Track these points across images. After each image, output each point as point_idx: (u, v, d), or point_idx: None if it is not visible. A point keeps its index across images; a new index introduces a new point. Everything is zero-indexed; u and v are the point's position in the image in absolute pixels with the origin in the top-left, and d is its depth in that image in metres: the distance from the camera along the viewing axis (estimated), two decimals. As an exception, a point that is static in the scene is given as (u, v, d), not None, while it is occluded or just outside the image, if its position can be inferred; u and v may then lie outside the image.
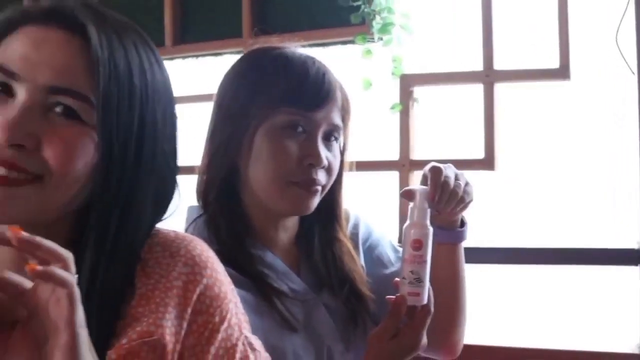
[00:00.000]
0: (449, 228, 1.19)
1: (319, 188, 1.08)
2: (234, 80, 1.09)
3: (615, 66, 2.07)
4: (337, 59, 2.09)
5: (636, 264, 1.98)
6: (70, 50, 0.80)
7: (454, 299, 1.25)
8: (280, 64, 1.08)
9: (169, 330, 0.82)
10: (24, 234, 0.64)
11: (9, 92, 0.78)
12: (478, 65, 2.12)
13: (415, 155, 2.19)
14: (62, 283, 0.67)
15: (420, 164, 2.03)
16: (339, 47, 2.19)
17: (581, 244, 2.20)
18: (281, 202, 1.09)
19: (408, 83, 2.14)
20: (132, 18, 0.85)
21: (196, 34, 2.39)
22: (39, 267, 0.66)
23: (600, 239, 2.22)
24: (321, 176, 1.08)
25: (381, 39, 2.08)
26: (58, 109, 0.78)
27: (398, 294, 1.04)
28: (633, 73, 1.94)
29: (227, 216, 1.07)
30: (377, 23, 2.03)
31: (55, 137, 0.77)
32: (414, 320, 1.05)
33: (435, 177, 1.08)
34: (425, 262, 1.06)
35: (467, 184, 1.13)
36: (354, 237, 1.19)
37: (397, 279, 1.06)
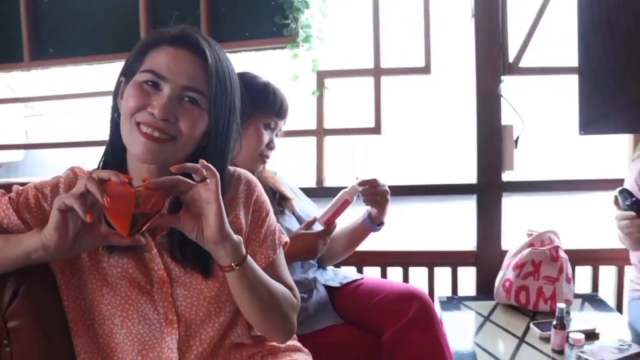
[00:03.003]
0: (375, 223, 1.98)
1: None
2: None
3: (462, 63, 2.62)
4: (274, 60, 2.67)
5: (473, 194, 2.62)
6: (195, 64, 1.18)
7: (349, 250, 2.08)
8: (271, 90, 1.84)
9: (242, 220, 1.28)
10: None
11: (157, 87, 1.17)
12: (370, 63, 2.66)
13: (327, 125, 2.72)
14: (213, 172, 1.07)
15: (330, 132, 2.72)
16: (277, 51, 2.63)
17: (440, 181, 2.83)
18: (253, 165, 1.85)
19: (322, 76, 2.68)
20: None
21: None
22: (204, 162, 1.07)
23: (453, 178, 2.89)
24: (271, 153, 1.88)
25: (299, 45, 2.57)
26: (187, 99, 1.17)
27: (327, 219, 1.83)
28: (471, 69, 2.56)
29: None
30: (301, 35, 2.53)
31: (186, 115, 1.16)
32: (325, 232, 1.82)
33: (372, 180, 1.88)
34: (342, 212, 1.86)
35: (388, 192, 1.93)
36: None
37: (318, 216, 1.85)
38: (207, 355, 1.25)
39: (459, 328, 2.05)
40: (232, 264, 1.14)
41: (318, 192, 2.57)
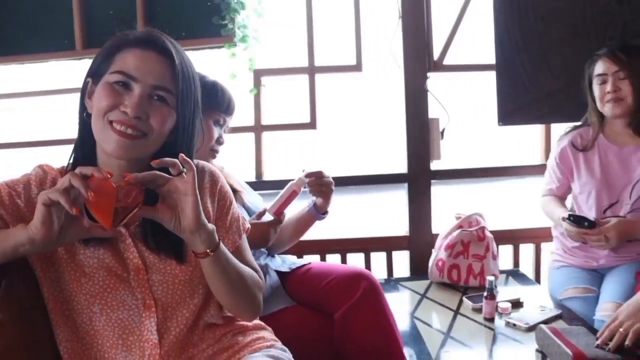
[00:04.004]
0: (320, 212, 2.12)
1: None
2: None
3: (391, 61, 2.75)
4: (211, 59, 2.72)
5: (404, 182, 2.79)
6: (162, 64, 1.24)
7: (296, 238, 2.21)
8: (219, 88, 1.95)
9: (210, 209, 1.35)
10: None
11: (128, 87, 1.22)
12: (304, 62, 2.78)
13: (264, 121, 2.82)
14: (191, 166, 1.16)
15: (267, 128, 2.81)
16: (215, 51, 2.68)
17: (373, 172, 3.00)
18: (204, 159, 1.94)
19: (259, 75, 2.77)
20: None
21: (104, 41, 2.71)
22: (183, 157, 1.15)
23: (386, 169, 3.01)
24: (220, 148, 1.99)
25: (236, 45, 2.65)
26: (156, 97, 1.24)
27: (277, 209, 1.95)
28: (399, 67, 2.73)
29: None
30: (238, 35, 2.61)
31: (156, 113, 1.23)
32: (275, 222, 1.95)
33: (317, 172, 2.02)
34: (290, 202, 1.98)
35: (332, 183, 2.08)
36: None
37: (268, 207, 1.96)
38: (184, 336, 1.34)
39: (398, 306, 2.20)
40: (207, 251, 1.23)
41: (257, 186, 2.65)
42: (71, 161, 1.33)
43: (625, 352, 1.65)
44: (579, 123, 2.40)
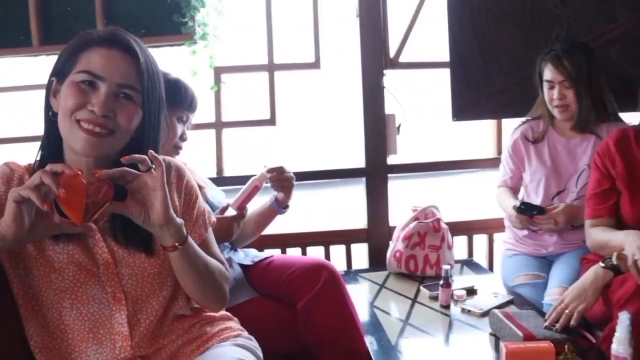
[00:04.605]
0: (281, 206, 2.17)
1: None
2: None
3: (349, 59, 2.87)
4: (172, 56, 2.68)
5: (362, 176, 2.86)
6: (127, 63, 1.27)
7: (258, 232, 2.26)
8: (182, 85, 1.98)
9: (177, 203, 1.38)
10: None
11: (94, 86, 1.24)
12: (264, 59, 2.79)
13: (224, 118, 2.83)
14: (160, 162, 1.19)
15: (228, 124, 2.83)
16: (175, 48, 2.65)
17: (332, 166, 3.07)
18: (168, 155, 1.97)
19: (219, 72, 2.76)
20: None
21: (58, 37, 2.61)
22: (153, 153, 1.18)
23: (344, 164, 3.09)
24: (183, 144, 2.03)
25: (196, 42, 2.63)
26: (122, 95, 1.26)
27: (239, 204, 2.00)
28: (357, 64, 2.80)
29: None
30: (198, 33, 2.60)
31: (123, 110, 1.25)
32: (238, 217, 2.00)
33: (279, 168, 2.07)
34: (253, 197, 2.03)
35: (293, 178, 2.13)
36: None
37: (231, 202, 2.00)
38: (154, 328, 1.38)
39: (358, 296, 2.27)
40: (176, 244, 1.27)
41: (219, 182, 2.65)
42: (38, 159, 1.34)
43: (571, 332, 1.78)
44: (529, 118, 2.53)
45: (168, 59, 2.66)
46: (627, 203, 1.99)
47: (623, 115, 2.39)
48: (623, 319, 1.42)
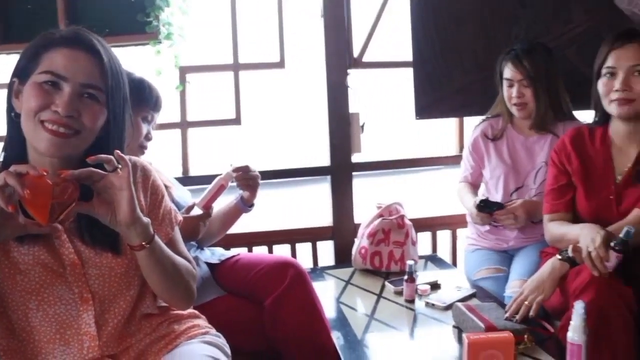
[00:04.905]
0: (247, 205, 2.19)
1: None
2: None
3: (313, 58, 2.89)
4: (136, 56, 2.68)
5: (327, 175, 2.90)
6: (91, 62, 1.26)
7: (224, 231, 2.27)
8: (146, 85, 1.98)
9: (143, 202, 1.39)
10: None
11: (57, 87, 1.24)
12: (229, 59, 2.80)
13: (190, 118, 2.83)
14: (126, 162, 1.20)
15: (193, 124, 2.83)
16: (139, 47, 2.64)
17: (298, 165, 3.11)
18: (134, 155, 1.98)
19: (184, 72, 2.76)
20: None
21: (19, 35, 2.58)
22: (119, 153, 1.20)
23: (309, 162, 3.19)
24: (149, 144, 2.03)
25: (161, 42, 2.62)
26: (86, 95, 1.25)
27: (205, 204, 2.01)
28: (321, 64, 2.83)
29: None
30: (163, 32, 2.58)
31: (87, 110, 1.25)
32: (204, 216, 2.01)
33: (244, 167, 2.09)
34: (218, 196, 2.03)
35: (259, 177, 2.15)
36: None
37: (197, 201, 2.02)
38: (122, 327, 1.39)
39: (324, 293, 2.30)
40: (143, 243, 1.28)
41: (184, 181, 2.63)
42: (2, 160, 1.33)
43: (530, 322, 1.85)
44: (489, 115, 2.59)
45: (133, 59, 2.66)
46: (582, 198, 2.06)
47: (578, 114, 2.47)
48: (578, 308, 1.48)
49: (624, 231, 1.72)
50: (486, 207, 2.37)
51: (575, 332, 1.48)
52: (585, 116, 2.28)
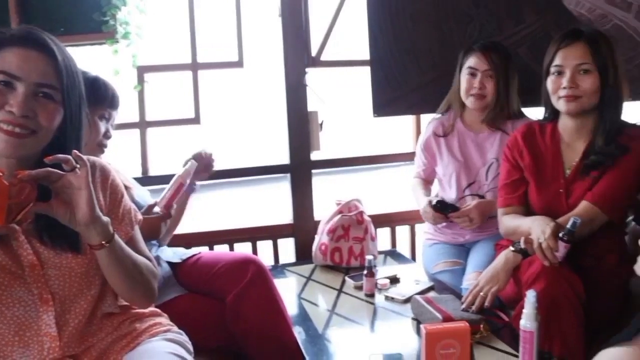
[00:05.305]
0: (192, 185, 2.19)
1: None
2: None
3: (272, 57, 2.93)
4: (93, 55, 2.65)
5: (287, 173, 2.93)
6: (45, 61, 1.26)
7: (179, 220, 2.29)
8: (101, 83, 1.98)
9: (102, 202, 1.39)
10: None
11: (11, 87, 1.23)
12: (188, 58, 2.80)
13: (149, 117, 2.82)
14: (84, 162, 1.20)
15: (152, 124, 2.81)
16: (97, 47, 2.61)
17: (257, 164, 3.07)
18: (93, 154, 1.95)
19: (142, 71, 2.74)
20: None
21: None
22: (77, 153, 1.19)
23: (269, 161, 3.09)
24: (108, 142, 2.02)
25: (118, 41, 2.60)
26: (41, 94, 1.26)
27: (166, 203, 2.01)
28: (279, 63, 2.85)
29: None
30: (120, 32, 2.56)
31: (43, 110, 1.25)
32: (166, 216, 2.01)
33: (198, 153, 2.12)
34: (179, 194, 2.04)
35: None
36: None
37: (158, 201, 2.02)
38: (83, 327, 1.38)
39: (286, 289, 2.33)
40: (102, 242, 1.28)
41: (144, 181, 2.61)
42: None
43: (486, 312, 1.91)
44: (440, 114, 2.66)
45: (89, 59, 2.63)
46: (534, 192, 2.14)
47: (528, 110, 2.55)
48: (530, 297, 1.54)
49: (571, 222, 1.80)
50: (442, 209, 2.44)
51: (527, 320, 1.54)
52: (536, 113, 2.35)
